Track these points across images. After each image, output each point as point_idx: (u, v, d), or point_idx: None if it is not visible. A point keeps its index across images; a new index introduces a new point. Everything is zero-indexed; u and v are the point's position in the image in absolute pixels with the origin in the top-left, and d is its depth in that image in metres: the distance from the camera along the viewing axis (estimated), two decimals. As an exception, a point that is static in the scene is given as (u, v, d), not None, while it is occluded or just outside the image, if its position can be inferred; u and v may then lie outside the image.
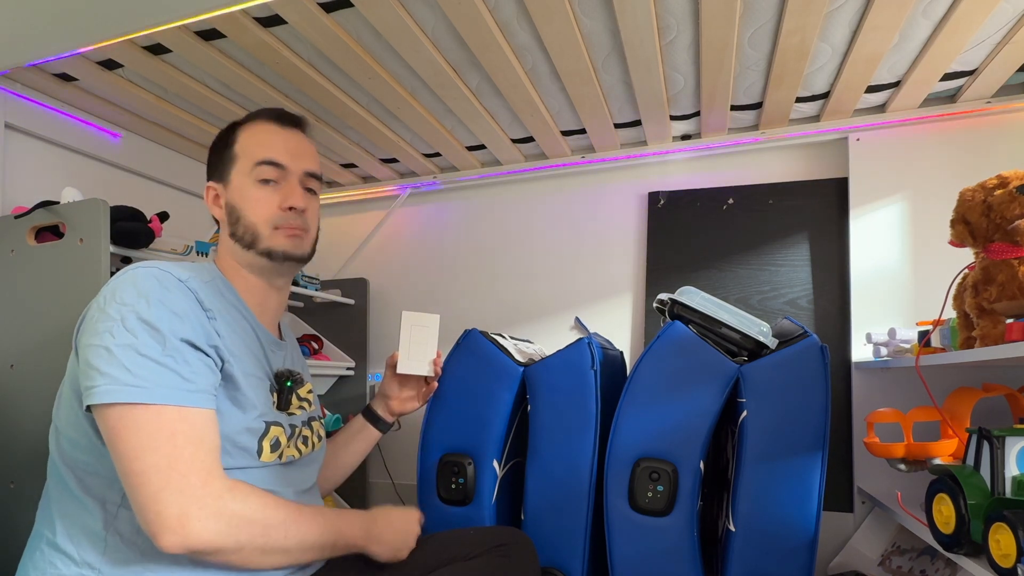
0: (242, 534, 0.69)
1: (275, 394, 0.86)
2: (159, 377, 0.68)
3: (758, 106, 1.51)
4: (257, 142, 0.88)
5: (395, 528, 0.89)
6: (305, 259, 0.91)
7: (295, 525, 0.74)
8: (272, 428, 0.81)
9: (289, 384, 0.88)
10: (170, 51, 1.25)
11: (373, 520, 0.86)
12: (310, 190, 0.91)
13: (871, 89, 1.40)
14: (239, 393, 0.77)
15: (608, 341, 1.53)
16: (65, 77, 1.35)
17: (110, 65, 1.31)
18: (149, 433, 0.66)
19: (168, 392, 0.68)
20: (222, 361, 0.76)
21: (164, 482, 0.65)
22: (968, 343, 0.99)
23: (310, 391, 0.96)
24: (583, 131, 1.65)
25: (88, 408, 0.69)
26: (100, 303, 0.71)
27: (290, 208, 0.86)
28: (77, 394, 0.74)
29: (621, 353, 1.53)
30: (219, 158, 0.90)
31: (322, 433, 0.98)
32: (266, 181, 0.86)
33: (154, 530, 0.65)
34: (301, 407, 0.91)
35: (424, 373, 1.10)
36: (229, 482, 0.70)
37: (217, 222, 0.92)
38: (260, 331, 0.87)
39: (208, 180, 0.91)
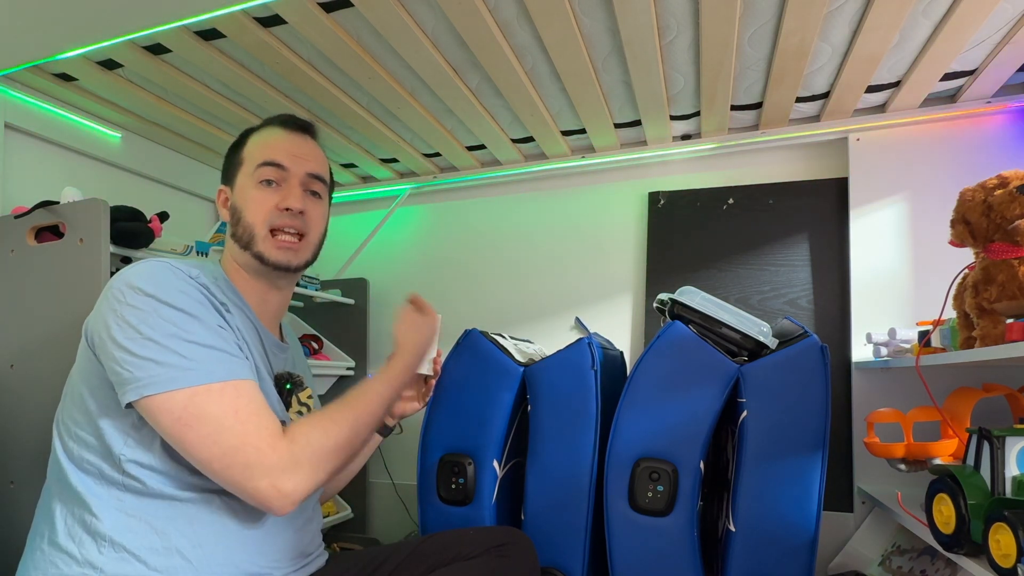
0: (326, 464, 0.75)
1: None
2: (211, 357, 0.71)
3: (758, 106, 1.51)
4: (262, 145, 0.89)
5: (403, 332, 0.98)
6: (300, 268, 0.90)
7: (353, 422, 0.80)
8: None
9: (288, 387, 0.89)
10: (170, 51, 1.25)
11: (391, 361, 0.94)
12: (314, 193, 0.91)
13: (871, 89, 1.40)
14: None
15: (608, 341, 1.53)
16: (65, 77, 1.35)
17: (110, 65, 1.31)
18: (216, 415, 0.69)
19: (224, 369, 0.71)
20: (243, 352, 0.78)
21: (245, 459, 0.69)
22: (968, 343, 0.99)
23: (311, 396, 0.96)
24: (583, 131, 1.65)
25: (129, 404, 0.69)
26: (118, 296, 0.71)
27: (287, 209, 0.86)
28: (91, 391, 0.74)
29: (621, 353, 1.53)
30: (229, 162, 0.91)
31: None
32: (267, 182, 0.87)
33: (260, 503, 0.70)
34: (300, 412, 0.91)
35: (424, 372, 1.09)
36: (288, 433, 0.74)
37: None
38: (263, 331, 0.87)
39: (221, 183, 0.93)
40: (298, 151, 0.89)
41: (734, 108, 1.52)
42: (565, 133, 1.67)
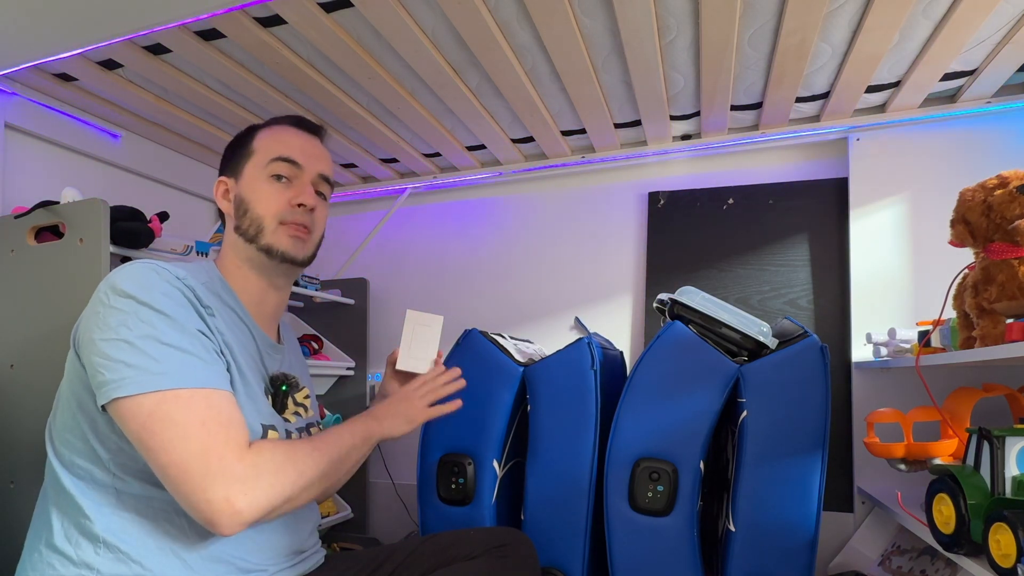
0: (284, 485, 0.72)
1: (270, 397, 0.86)
2: (183, 362, 0.69)
3: (758, 106, 1.51)
4: (276, 140, 0.89)
5: (394, 403, 0.96)
6: (305, 263, 0.90)
7: (316, 452, 0.78)
8: (269, 432, 0.81)
9: (284, 388, 0.88)
10: (170, 51, 1.25)
11: (372, 412, 0.93)
12: (320, 194, 0.92)
13: (871, 89, 1.40)
14: (237, 394, 0.77)
15: (608, 341, 1.53)
16: (65, 77, 1.35)
17: (110, 65, 1.31)
18: (181, 422, 0.67)
19: (195, 376, 0.70)
20: (225, 359, 0.77)
21: (204, 469, 0.66)
22: (968, 343, 0.99)
23: (307, 396, 0.96)
24: (583, 131, 1.65)
25: (103, 407, 0.69)
26: (102, 299, 0.71)
27: (300, 205, 0.87)
28: (77, 397, 0.74)
29: (621, 353, 1.54)
30: (234, 154, 0.91)
31: None
32: (279, 177, 0.87)
33: (208, 518, 0.67)
34: (297, 412, 0.91)
35: (424, 371, 1.09)
36: (252, 447, 0.72)
37: (223, 218, 0.92)
38: (257, 333, 0.87)
39: (220, 175, 0.92)
40: (312, 150, 0.91)
41: (734, 108, 1.52)
42: (565, 133, 1.67)
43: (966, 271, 1.01)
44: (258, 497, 0.69)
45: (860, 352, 1.45)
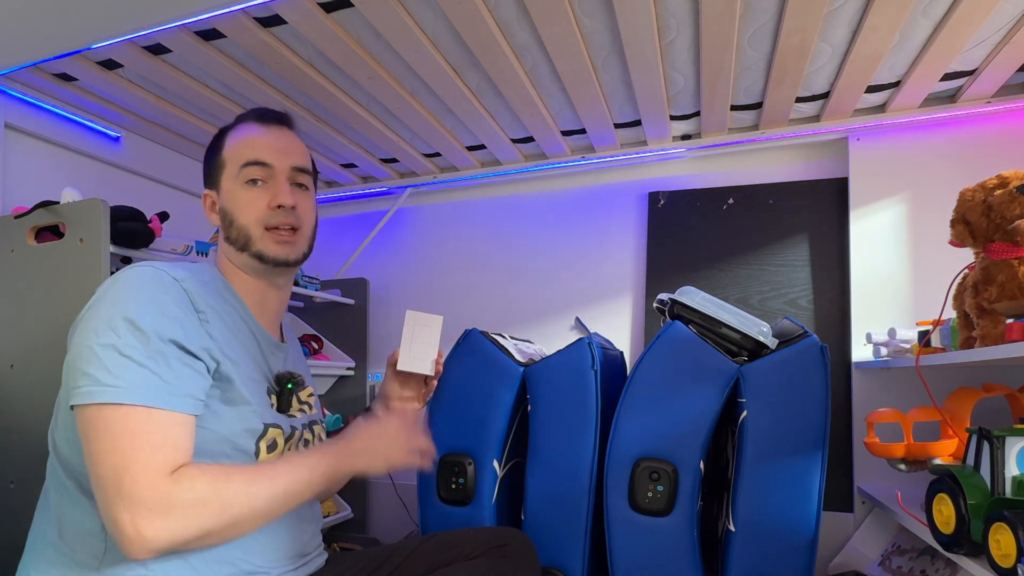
0: (202, 519, 0.67)
1: (274, 396, 0.86)
2: (136, 377, 0.67)
3: (758, 106, 1.51)
4: (242, 144, 0.87)
5: (378, 437, 0.85)
6: (299, 262, 0.89)
7: (254, 487, 0.71)
8: (270, 430, 0.81)
9: (290, 386, 0.88)
10: (170, 51, 1.25)
11: (350, 443, 0.82)
12: (301, 185, 0.90)
13: (871, 89, 1.40)
14: (235, 394, 0.76)
15: (608, 341, 1.53)
16: (65, 77, 1.35)
17: (110, 65, 1.31)
18: (113, 435, 0.65)
19: (143, 393, 0.67)
20: (216, 363, 0.75)
21: (116, 487, 0.64)
22: (968, 343, 0.99)
23: (311, 394, 0.96)
24: (583, 131, 1.65)
25: (72, 408, 0.69)
26: (92, 301, 0.71)
27: (279, 206, 0.85)
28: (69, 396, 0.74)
29: (621, 353, 1.54)
30: (210, 165, 0.90)
31: (323, 436, 0.98)
32: (253, 182, 0.85)
33: (117, 540, 0.65)
34: (301, 410, 0.91)
35: (425, 372, 1.09)
36: (177, 473, 0.67)
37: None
38: (259, 332, 0.87)
39: (204, 187, 0.91)
40: (279, 145, 0.87)
41: (734, 108, 1.52)
42: (565, 133, 1.67)
43: (966, 271, 1.01)
44: (168, 528, 0.65)
45: (860, 352, 1.45)
